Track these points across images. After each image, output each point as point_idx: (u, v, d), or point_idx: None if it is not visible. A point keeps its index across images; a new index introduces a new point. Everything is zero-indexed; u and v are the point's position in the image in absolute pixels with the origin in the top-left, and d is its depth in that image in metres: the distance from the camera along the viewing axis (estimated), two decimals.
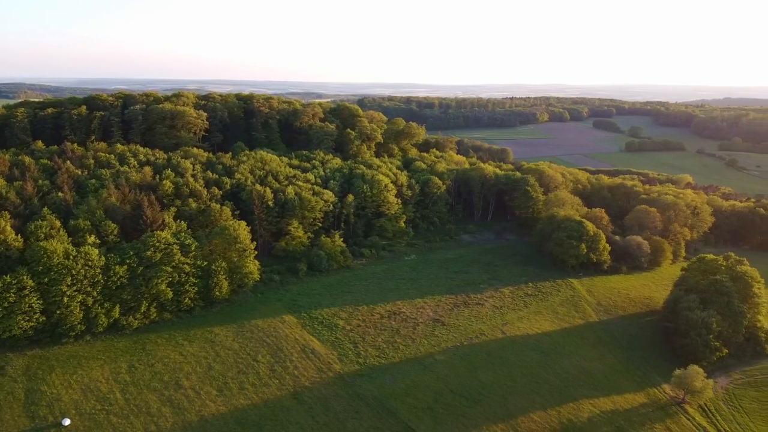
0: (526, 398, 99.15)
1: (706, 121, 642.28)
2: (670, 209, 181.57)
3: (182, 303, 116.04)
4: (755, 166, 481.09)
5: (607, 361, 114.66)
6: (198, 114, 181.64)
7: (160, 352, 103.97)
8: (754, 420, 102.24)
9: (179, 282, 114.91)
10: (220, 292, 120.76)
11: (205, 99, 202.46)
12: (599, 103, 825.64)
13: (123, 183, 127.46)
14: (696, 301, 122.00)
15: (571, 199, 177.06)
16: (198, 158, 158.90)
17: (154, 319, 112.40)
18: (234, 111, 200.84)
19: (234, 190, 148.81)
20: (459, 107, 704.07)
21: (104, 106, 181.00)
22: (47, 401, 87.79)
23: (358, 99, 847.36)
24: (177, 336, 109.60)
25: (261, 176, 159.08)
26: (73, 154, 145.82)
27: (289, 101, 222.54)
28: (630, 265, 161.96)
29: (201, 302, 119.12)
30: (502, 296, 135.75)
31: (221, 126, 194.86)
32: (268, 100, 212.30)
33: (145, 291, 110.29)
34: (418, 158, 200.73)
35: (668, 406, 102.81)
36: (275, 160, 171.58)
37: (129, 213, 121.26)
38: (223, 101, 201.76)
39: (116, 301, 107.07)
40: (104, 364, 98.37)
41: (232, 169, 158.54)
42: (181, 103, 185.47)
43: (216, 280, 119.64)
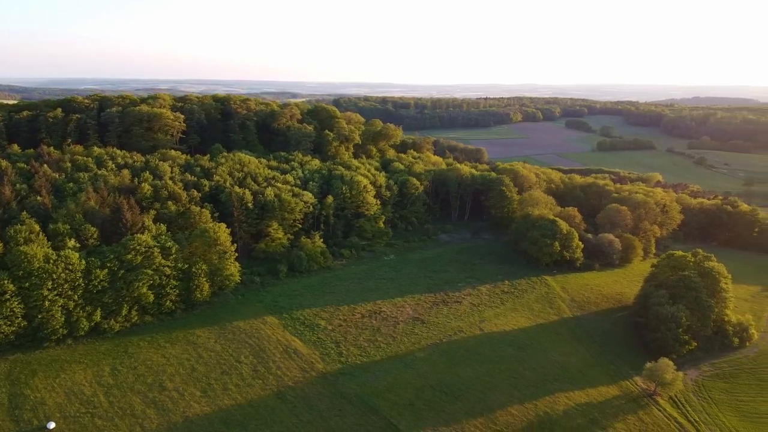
0: (504, 393, 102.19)
1: (676, 120, 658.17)
2: (641, 207, 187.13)
3: (163, 306, 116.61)
4: (723, 164, 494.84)
5: (581, 355, 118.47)
6: (175, 116, 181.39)
7: (142, 354, 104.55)
8: (723, 410, 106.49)
9: (160, 285, 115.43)
10: (201, 295, 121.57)
11: (181, 101, 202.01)
12: (571, 103, 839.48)
13: (102, 186, 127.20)
14: (666, 296, 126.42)
15: (544, 199, 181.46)
16: (176, 161, 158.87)
17: (136, 322, 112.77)
18: (211, 113, 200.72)
19: (213, 192, 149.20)
20: (434, 107, 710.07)
21: (80, 108, 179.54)
22: (31, 405, 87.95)
23: (334, 99, 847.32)
24: (159, 338, 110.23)
25: (240, 178, 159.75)
26: (50, 157, 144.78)
27: (266, 102, 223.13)
28: (602, 262, 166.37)
29: (182, 305, 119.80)
30: (479, 294, 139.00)
31: (198, 128, 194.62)
32: (246, 101, 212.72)
33: (127, 294, 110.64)
34: (396, 159, 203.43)
35: (640, 398, 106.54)
36: (253, 161, 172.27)
37: (108, 216, 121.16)
38: (199, 103, 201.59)
39: (97, 305, 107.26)
40: (87, 368, 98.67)
41: (211, 171, 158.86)
42: (157, 105, 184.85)
43: (197, 283, 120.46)
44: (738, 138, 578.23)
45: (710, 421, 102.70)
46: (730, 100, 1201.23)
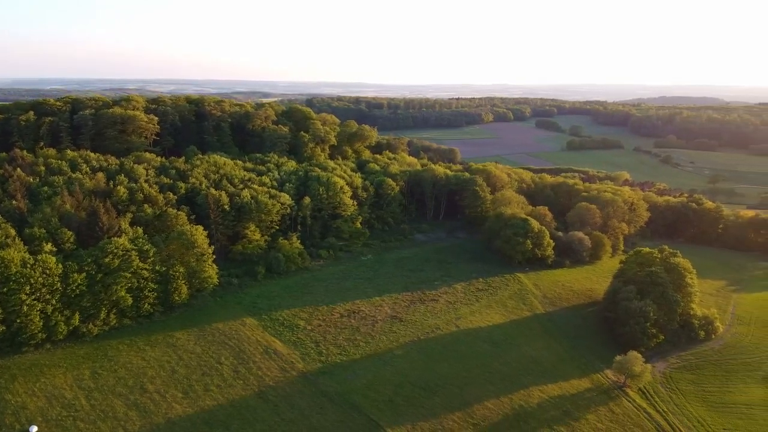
0: (481, 387, 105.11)
1: (643, 119, 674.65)
2: (609, 206, 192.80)
3: (142, 309, 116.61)
4: (689, 162, 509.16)
5: (553, 350, 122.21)
6: (149, 118, 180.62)
7: (122, 357, 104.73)
8: (690, 401, 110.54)
9: (138, 288, 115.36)
10: (180, 297, 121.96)
11: (155, 103, 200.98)
12: (541, 103, 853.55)
13: (77, 190, 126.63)
14: (634, 291, 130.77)
15: (516, 198, 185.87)
16: (151, 163, 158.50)
17: (114, 326, 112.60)
18: (185, 114, 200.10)
19: (189, 195, 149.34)
20: (407, 108, 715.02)
21: (52, 111, 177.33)
22: (12, 409, 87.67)
23: (307, 99, 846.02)
24: (138, 341, 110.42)
25: (215, 180, 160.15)
26: (23, 161, 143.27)
27: (240, 104, 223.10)
28: (573, 259, 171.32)
29: (160, 307, 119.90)
30: (455, 292, 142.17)
31: (172, 130, 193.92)
32: (220, 103, 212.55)
33: (105, 298, 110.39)
34: (372, 160, 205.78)
35: (611, 389, 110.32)
36: (229, 163, 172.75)
37: (84, 220, 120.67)
38: (173, 105, 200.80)
39: (75, 309, 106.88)
40: (67, 372, 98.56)
41: (186, 174, 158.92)
42: (131, 108, 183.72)
43: (175, 285, 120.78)
44: (703, 136, 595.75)
45: (678, 411, 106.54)
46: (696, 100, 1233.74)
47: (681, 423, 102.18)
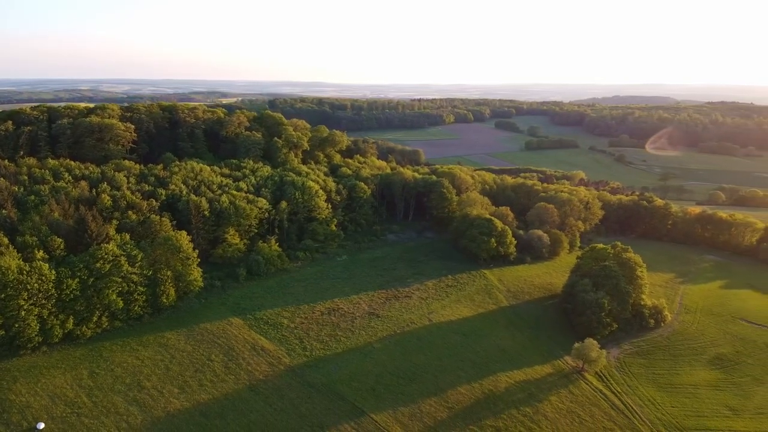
0: (453, 375, 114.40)
1: (597, 119, 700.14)
2: (566, 205, 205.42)
3: (132, 311, 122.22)
4: (641, 161, 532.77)
5: (518, 339, 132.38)
6: (126, 127, 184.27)
7: (117, 357, 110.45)
8: (641, 383, 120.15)
9: (128, 291, 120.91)
10: (167, 300, 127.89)
11: (129, 111, 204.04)
12: (500, 104, 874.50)
13: (63, 198, 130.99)
14: (589, 284, 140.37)
15: (480, 199, 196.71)
16: (131, 171, 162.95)
17: (106, 328, 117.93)
18: (159, 122, 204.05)
19: (169, 201, 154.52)
20: (371, 109, 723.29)
21: (29, 120, 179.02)
22: (18, 408, 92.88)
23: (269, 100, 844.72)
24: (131, 342, 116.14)
25: (194, 186, 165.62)
26: (6, 170, 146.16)
27: (212, 110, 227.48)
28: (533, 256, 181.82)
29: (149, 309, 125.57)
30: (426, 289, 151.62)
31: (147, 137, 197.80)
32: (193, 110, 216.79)
33: (97, 301, 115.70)
34: (344, 164, 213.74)
35: (570, 374, 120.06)
36: (206, 169, 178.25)
37: (72, 227, 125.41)
38: (147, 112, 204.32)
39: (69, 313, 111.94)
40: (66, 372, 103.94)
41: (165, 181, 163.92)
42: (106, 116, 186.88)
43: (163, 288, 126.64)
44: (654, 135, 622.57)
45: (631, 392, 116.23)
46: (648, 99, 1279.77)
47: (634, 402, 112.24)
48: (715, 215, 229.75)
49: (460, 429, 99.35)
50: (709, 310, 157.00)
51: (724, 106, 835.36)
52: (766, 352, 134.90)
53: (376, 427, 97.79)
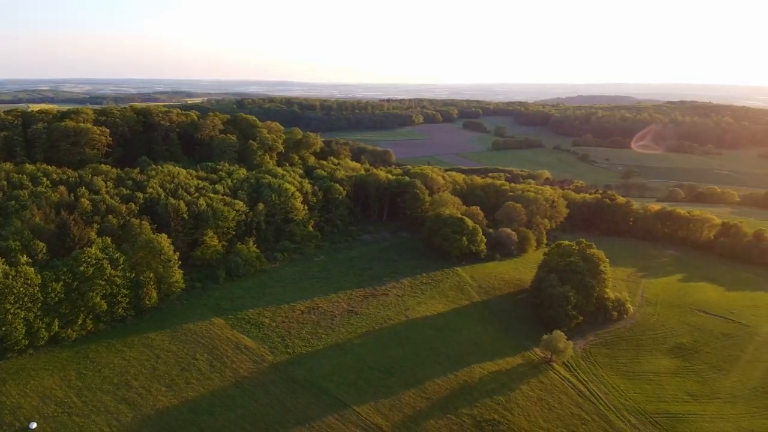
0: (430, 367, 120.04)
1: (561, 119, 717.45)
2: (533, 204, 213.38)
3: (116, 313, 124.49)
4: (604, 160, 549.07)
5: (490, 332, 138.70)
6: (101, 131, 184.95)
7: (103, 358, 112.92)
8: (606, 371, 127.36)
9: (112, 294, 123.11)
10: (150, 301, 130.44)
11: (104, 114, 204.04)
12: (467, 104, 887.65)
13: (44, 203, 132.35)
14: (556, 279, 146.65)
15: (452, 199, 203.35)
16: (108, 175, 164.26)
17: (91, 330, 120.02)
18: (133, 125, 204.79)
19: (148, 205, 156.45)
20: (340, 109, 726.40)
21: (4, 125, 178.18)
22: (9, 409, 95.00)
23: (236, 100, 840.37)
24: (115, 343, 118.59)
25: (172, 189, 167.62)
26: None
27: (186, 113, 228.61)
28: (502, 253, 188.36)
29: (132, 311, 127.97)
30: (402, 286, 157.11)
31: (122, 141, 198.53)
32: (168, 113, 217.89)
33: (82, 304, 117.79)
34: (318, 166, 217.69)
35: (540, 364, 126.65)
36: (182, 173, 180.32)
37: (54, 232, 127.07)
38: (122, 116, 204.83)
39: (55, 316, 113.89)
40: (54, 373, 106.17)
41: (143, 184, 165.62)
42: (81, 120, 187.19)
43: (146, 290, 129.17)
44: (617, 135, 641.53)
45: (596, 380, 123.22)
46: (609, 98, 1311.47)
47: (599, 390, 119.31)
48: (674, 212, 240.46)
49: (437, 418, 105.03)
50: (668, 302, 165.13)
51: (683, 105, 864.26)
52: (723, 341, 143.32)
53: (358, 419, 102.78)
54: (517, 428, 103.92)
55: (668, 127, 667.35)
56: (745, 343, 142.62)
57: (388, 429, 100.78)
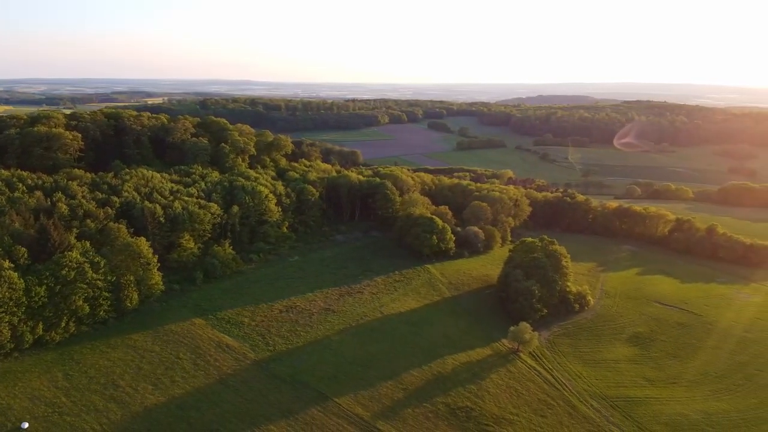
0: (405, 360, 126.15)
1: (523, 119, 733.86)
2: (498, 203, 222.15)
3: (98, 315, 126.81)
4: (564, 158, 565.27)
5: (460, 326, 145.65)
6: (74, 135, 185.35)
7: (88, 360, 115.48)
8: (569, 360, 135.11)
9: (94, 297, 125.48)
10: (131, 303, 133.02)
11: (75, 119, 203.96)
12: (431, 104, 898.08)
13: (23, 209, 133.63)
14: (521, 274, 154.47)
15: (422, 200, 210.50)
16: (83, 179, 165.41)
17: (74, 333, 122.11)
18: (104, 129, 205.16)
19: (124, 209, 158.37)
20: (306, 109, 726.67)
21: None
22: (0, 410, 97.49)
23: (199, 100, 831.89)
24: (99, 345, 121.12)
25: (147, 193, 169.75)
26: None
27: (156, 116, 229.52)
28: (470, 250, 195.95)
29: (114, 314, 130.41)
30: (376, 284, 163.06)
31: (93, 145, 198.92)
32: (139, 117, 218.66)
33: (65, 307, 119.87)
34: (291, 168, 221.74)
35: (508, 355, 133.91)
36: (156, 176, 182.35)
37: (35, 237, 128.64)
38: (92, 120, 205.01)
39: (39, 319, 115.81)
40: (40, 375, 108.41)
41: (118, 188, 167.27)
42: (53, 125, 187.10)
43: (126, 293, 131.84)
44: (576, 134, 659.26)
45: (560, 368, 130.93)
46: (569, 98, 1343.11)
47: (563, 377, 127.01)
48: (631, 209, 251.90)
49: (414, 407, 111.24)
50: (626, 295, 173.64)
51: (640, 104, 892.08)
52: (677, 330, 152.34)
53: (340, 410, 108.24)
54: (488, 414, 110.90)
55: (624, 126, 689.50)
56: (699, 332, 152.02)
57: (368, 419, 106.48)
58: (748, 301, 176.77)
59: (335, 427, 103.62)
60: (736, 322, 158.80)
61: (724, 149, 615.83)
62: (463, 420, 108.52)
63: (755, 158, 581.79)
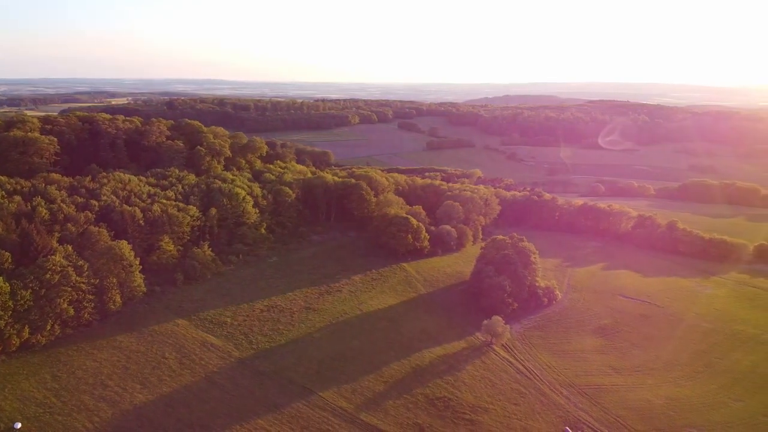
0: (385, 354, 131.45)
1: (490, 120, 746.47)
2: (469, 202, 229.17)
3: (82, 318, 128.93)
4: (530, 158, 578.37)
5: (436, 321, 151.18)
6: (50, 140, 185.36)
7: (75, 361, 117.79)
8: (539, 351, 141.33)
9: (78, 299, 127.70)
10: (114, 306, 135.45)
11: (50, 123, 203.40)
12: (401, 105, 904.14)
13: (4, 213, 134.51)
14: (493, 270, 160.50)
15: (396, 200, 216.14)
16: (61, 184, 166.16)
17: (59, 335, 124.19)
18: (79, 133, 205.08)
19: (104, 212, 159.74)
20: (275, 109, 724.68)
21: None
22: None
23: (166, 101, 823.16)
24: (85, 347, 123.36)
25: (125, 196, 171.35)
26: None
27: (130, 119, 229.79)
28: (444, 249, 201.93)
29: (97, 316, 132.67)
30: (354, 283, 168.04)
31: (68, 149, 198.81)
32: (113, 120, 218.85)
33: (50, 310, 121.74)
34: (266, 170, 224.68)
35: (481, 347, 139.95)
36: (133, 180, 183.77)
37: (17, 241, 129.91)
38: (67, 124, 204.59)
39: (25, 323, 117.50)
40: (29, 377, 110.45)
41: (96, 192, 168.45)
42: (28, 129, 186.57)
43: (110, 295, 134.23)
44: (542, 134, 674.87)
45: (531, 359, 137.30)
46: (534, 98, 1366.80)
47: (534, 367, 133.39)
48: (596, 206, 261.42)
49: (395, 398, 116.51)
50: (592, 289, 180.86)
51: (603, 104, 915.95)
52: (640, 321, 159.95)
53: (324, 403, 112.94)
54: (465, 403, 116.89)
55: (589, 125, 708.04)
56: (661, 323, 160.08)
57: (351, 411, 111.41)
58: (707, 293, 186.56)
59: (320, 419, 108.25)
60: (696, 313, 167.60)
61: (684, 147, 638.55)
62: (441, 409, 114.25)
63: (714, 156, 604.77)
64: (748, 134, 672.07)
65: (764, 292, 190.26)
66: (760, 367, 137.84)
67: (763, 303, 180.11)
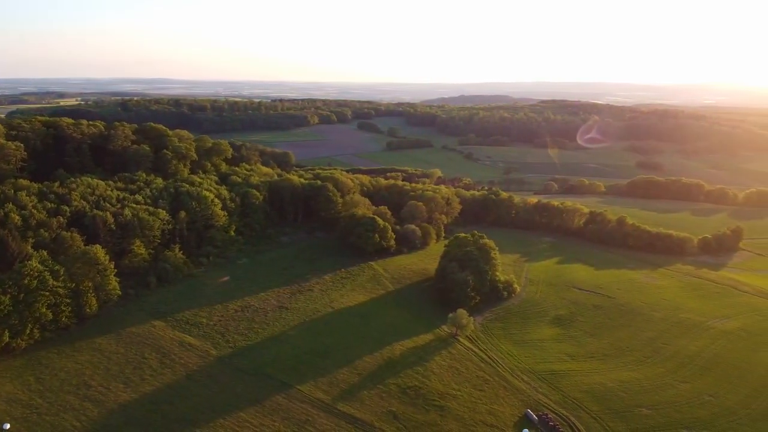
0: (358, 349, 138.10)
1: (447, 120, 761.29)
2: (432, 202, 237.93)
3: (60, 322, 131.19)
4: (486, 157, 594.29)
5: (405, 316, 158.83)
6: (16, 146, 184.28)
7: (56, 364, 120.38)
8: (501, 341, 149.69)
9: (56, 304, 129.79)
10: (91, 309, 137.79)
11: (14, 129, 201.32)
12: (360, 105, 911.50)
13: None
14: (456, 266, 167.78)
15: (362, 201, 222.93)
16: (30, 189, 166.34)
17: (38, 339, 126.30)
18: (44, 138, 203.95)
19: (75, 217, 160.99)
20: (233, 110, 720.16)
21: None
22: None
23: (119, 101, 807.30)
24: (65, 350, 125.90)
25: (94, 201, 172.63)
26: None
27: (94, 124, 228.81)
28: (409, 247, 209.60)
29: (75, 319, 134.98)
30: (324, 282, 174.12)
31: (34, 154, 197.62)
32: (78, 125, 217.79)
33: (29, 315, 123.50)
34: (233, 173, 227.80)
35: (447, 339, 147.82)
36: (101, 184, 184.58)
37: None
38: (32, 129, 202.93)
39: (5, 327, 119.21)
40: (12, 380, 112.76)
41: (66, 197, 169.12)
42: None
43: (86, 299, 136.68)
44: (497, 134, 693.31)
45: (494, 349, 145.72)
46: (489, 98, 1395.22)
47: (497, 356, 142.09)
48: (549, 204, 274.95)
49: (369, 389, 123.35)
50: (548, 282, 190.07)
51: (555, 104, 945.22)
52: (594, 312, 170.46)
53: (303, 396, 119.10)
54: (434, 391, 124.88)
55: (541, 125, 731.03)
56: (612, 313, 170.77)
57: (329, 402, 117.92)
58: (654, 284, 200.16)
59: (300, 410, 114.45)
60: (645, 303, 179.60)
61: (632, 145, 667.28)
62: (413, 397, 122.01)
63: (661, 153, 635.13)
64: (693, 132, 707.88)
65: (708, 283, 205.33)
66: (705, 351, 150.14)
67: (706, 293, 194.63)
